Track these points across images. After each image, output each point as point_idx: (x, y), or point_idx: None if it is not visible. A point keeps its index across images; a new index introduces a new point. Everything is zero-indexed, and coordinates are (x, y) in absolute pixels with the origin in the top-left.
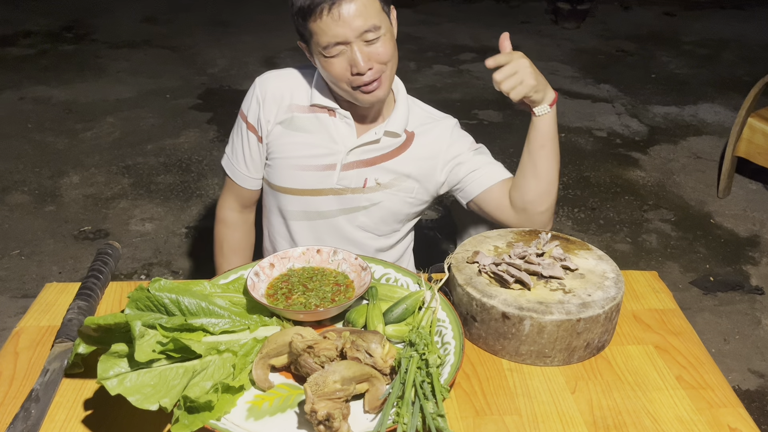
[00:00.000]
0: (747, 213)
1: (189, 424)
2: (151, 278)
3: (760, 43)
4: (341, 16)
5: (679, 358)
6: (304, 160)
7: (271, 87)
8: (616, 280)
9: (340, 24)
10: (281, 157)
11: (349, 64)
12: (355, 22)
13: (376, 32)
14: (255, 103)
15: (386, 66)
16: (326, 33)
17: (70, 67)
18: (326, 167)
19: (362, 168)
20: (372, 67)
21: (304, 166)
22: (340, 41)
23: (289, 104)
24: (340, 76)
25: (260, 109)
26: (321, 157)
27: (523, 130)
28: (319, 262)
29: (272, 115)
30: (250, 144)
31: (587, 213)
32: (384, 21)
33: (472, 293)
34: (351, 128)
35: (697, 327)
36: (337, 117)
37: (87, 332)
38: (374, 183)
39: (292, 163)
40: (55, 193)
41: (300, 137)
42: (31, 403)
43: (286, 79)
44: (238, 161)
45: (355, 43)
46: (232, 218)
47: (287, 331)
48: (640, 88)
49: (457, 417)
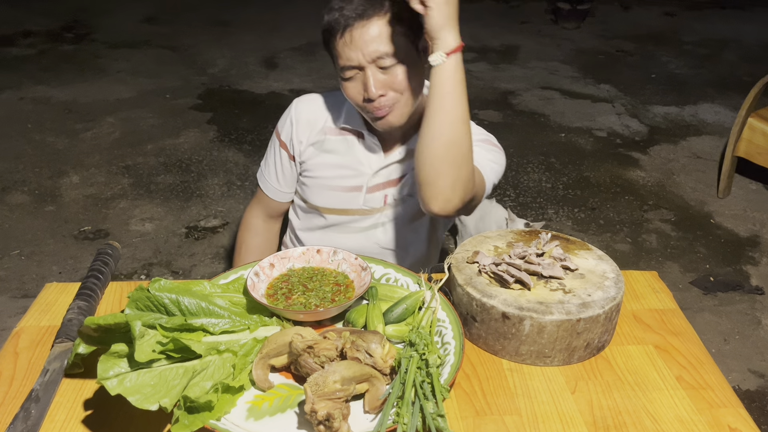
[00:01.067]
0: (747, 213)
1: (189, 424)
2: (151, 278)
3: (760, 43)
4: (353, 40)
5: (679, 358)
6: (333, 180)
7: (306, 110)
8: (616, 280)
9: (352, 48)
10: (313, 176)
11: (362, 89)
12: (368, 47)
13: (390, 59)
14: (289, 123)
15: (402, 95)
16: (341, 56)
17: (70, 67)
18: (353, 188)
19: (386, 188)
20: (385, 94)
21: (333, 186)
22: (353, 65)
23: (322, 127)
24: (354, 99)
25: (293, 130)
26: (348, 178)
27: (523, 129)
28: (319, 262)
29: (305, 137)
30: (282, 161)
31: (587, 213)
32: (403, 47)
33: (472, 293)
34: (378, 151)
35: (697, 327)
36: (365, 139)
37: (87, 332)
38: (392, 200)
39: (322, 183)
40: (55, 193)
41: (330, 158)
42: (31, 403)
43: (321, 102)
44: (270, 175)
45: (369, 68)
46: (256, 225)
47: (287, 331)
48: (640, 88)
49: (457, 417)
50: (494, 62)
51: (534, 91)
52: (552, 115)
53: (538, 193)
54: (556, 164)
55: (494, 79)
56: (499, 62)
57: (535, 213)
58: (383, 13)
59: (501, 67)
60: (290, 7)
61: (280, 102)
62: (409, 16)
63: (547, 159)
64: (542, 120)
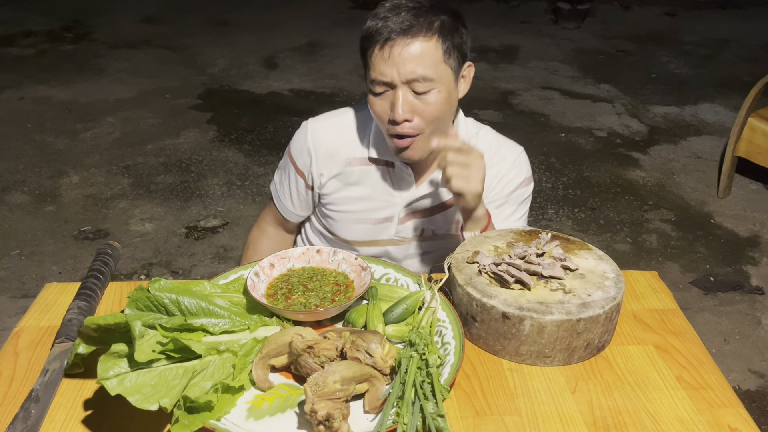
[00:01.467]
0: (747, 213)
1: (189, 424)
2: (151, 278)
3: (760, 43)
4: (392, 56)
5: (679, 358)
6: (361, 214)
7: (325, 140)
8: (616, 280)
9: (389, 63)
10: (339, 210)
11: (389, 108)
12: (405, 67)
13: (426, 84)
14: (306, 153)
15: (428, 125)
16: (374, 68)
17: (70, 67)
18: (384, 220)
19: (420, 219)
20: (411, 120)
21: (361, 219)
22: (386, 81)
23: (346, 158)
24: (379, 117)
25: (312, 161)
26: (378, 210)
27: (523, 129)
28: (319, 262)
29: (326, 170)
30: (298, 187)
31: (587, 213)
32: (443, 75)
33: (472, 293)
34: (410, 181)
35: (697, 327)
36: (396, 169)
37: (87, 332)
38: (430, 233)
39: (350, 216)
40: (55, 193)
41: (356, 191)
42: (31, 403)
43: (341, 128)
44: (284, 197)
45: (401, 89)
46: (268, 230)
47: (287, 331)
48: (640, 88)
49: (457, 417)
50: (494, 62)
51: (534, 91)
52: (552, 115)
53: (538, 193)
54: (556, 164)
55: (494, 79)
56: (499, 62)
57: (535, 213)
58: (430, 35)
59: (501, 67)
60: (290, 7)
61: (280, 102)
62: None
63: (547, 159)
64: (542, 120)
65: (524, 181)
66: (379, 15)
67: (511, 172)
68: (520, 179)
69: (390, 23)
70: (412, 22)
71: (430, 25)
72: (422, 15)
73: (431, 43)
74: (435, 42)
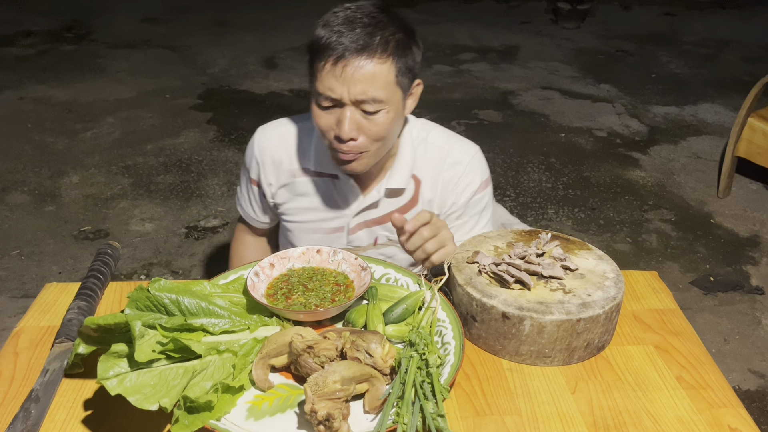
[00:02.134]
0: (747, 213)
1: (189, 424)
2: (151, 278)
3: (760, 43)
4: (344, 74)
5: (679, 358)
6: (313, 224)
7: (270, 149)
8: (616, 280)
9: (340, 81)
10: (291, 221)
11: (335, 123)
12: (356, 87)
13: (376, 105)
14: (255, 163)
15: (373, 144)
16: (323, 83)
17: (70, 67)
18: (335, 230)
19: (372, 227)
20: (356, 139)
21: (314, 229)
22: (334, 97)
23: (289, 168)
24: (324, 130)
25: (260, 170)
26: (327, 221)
27: (523, 129)
28: (319, 262)
29: (274, 179)
30: (255, 195)
31: (587, 213)
32: (393, 96)
33: (472, 293)
34: (356, 191)
35: (697, 327)
36: (340, 180)
37: (87, 332)
38: (386, 240)
39: (302, 226)
40: (55, 193)
41: (304, 202)
42: (31, 403)
43: (286, 139)
44: (246, 205)
45: (349, 108)
46: (245, 239)
47: (287, 331)
48: (640, 88)
49: (457, 417)
50: (494, 62)
51: (534, 91)
52: (552, 115)
53: (538, 193)
54: (556, 164)
55: (494, 79)
56: (499, 62)
57: (535, 213)
58: (385, 56)
59: (501, 67)
60: (290, 7)
61: (280, 102)
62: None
63: (547, 159)
64: (542, 120)
65: (481, 186)
66: (331, 26)
67: (466, 178)
68: (476, 184)
69: (344, 39)
70: (368, 41)
71: (385, 45)
72: (377, 33)
73: (385, 65)
74: (389, 64)
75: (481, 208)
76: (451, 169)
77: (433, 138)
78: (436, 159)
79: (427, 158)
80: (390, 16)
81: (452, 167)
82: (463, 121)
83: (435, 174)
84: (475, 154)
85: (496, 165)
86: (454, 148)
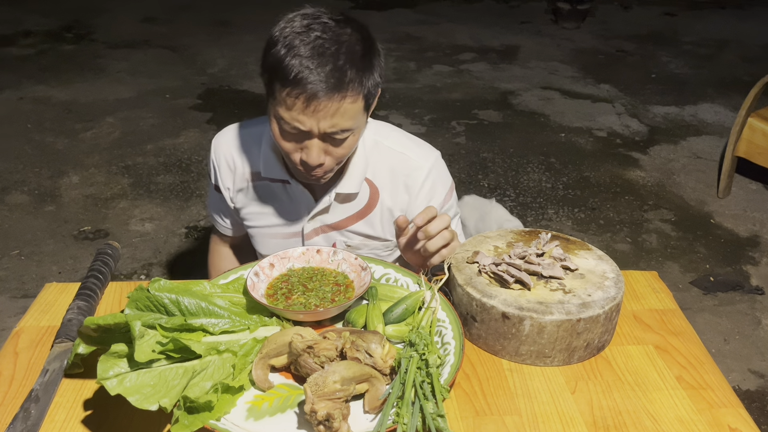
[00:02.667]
0: (747, 213)
1: (189, 424)
2: (151, 278)
3: (760, 43)
4: (315, 111)
5: (679, 358)
6: (271, 229)
7: (224, 154)
8: (616, 280)
9: (308, 115)
10: (251, 226)
11: (300, 147)
12: (325, 122)
13: (345, 134)
14: (213, 167)
15: (339, 162)
16: (290, 113)
17: (70, 67)
18: (291, 235)
19: (328, 232)
20: (323, 163)
21: (272, 234)
22: (302, 129)
23: (242, 173)
24: (287, 151)
25: (218, 175)
26: (283, 226)
27: (523, 129)
28: (319, 262)
29: (230, 183)
30: (221, 203)
31: (587, 213)
32: (361, 121)
33: (472, 293)
34: (306, 196)
35: (697, 327)
36: (291, 185)
37: (87, 332)
38: (344, 245)
39: (262, 231)
40: (55, 193)
41: (259, 207)
42: (30, 403)
43: (237, 144)
44: (216, 215)
45: (316, 138)
46: (220, 251)
47: (287, 331)
48: (640, 88)
49: (457, 417)
50: (494, 62)
51: (534, 91)
52: (552, 115)
53: (538, 193)
54: (556, 164)
55: (494, 79)
56: (499, 62)
57: (535, 213)
58: (356, 92)
59: (501, 67)
60: (290, 7)
61: None
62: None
63: (547, 159)
64: (542, 120)
65: (447, 195)
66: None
67: (426, 186)
68: (442, 195)
69: (314, 77)
70: (340, 78)
71: (357, 81)
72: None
73: (357, 96)
74: (360, 98)
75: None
76: (412, 175)
77: (391, 143)
78: (395, 165)
79: (385, 164)
80: (351, 27)
81: (413, 173)
82: (463, 121)
83: (394, 180)
84: (435, 160)
85: (496, 165)
86: (413, 153)
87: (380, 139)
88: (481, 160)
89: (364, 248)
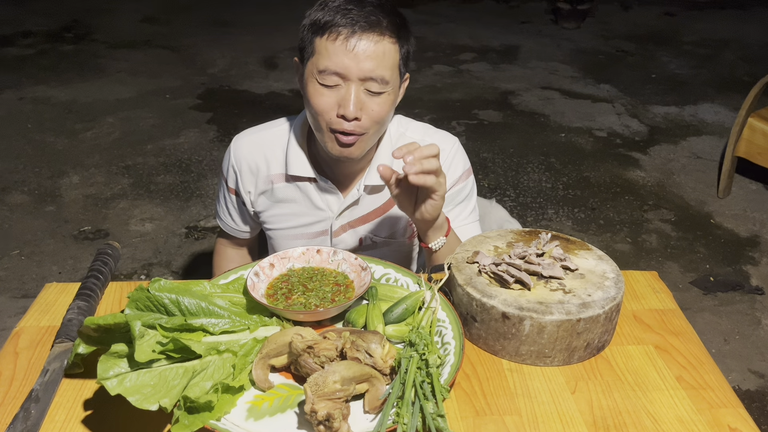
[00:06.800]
0: (747, 213)
1: (189, 424)
2: (151, 278)
3: (760, 43)
4: (355, 49)
5: (679, 358)
6: (295, 230)
7: (245, 156)
8: (616, 280)
9: (350, 56)
10: (274, 228)
11: (337, 103)
12: (366, 63)
13: (381, 86)
14: (232, 171)
15: (373, 126)
16: (330, 57)
17: (70, 67)
18: (318, 234)
19: (356, 227)
20: (360, 119)
21: (297, 235)
22: (341, 73)
23: (267, 175)
24: (324, 110)
25: (238, 178)
26: (310, 225)
27: (523, 129)
28: (319, 262)
29: (252, 186)
30: (235, 204)
31: (587, 213)
32: (394, 79)
33: (472, 293)
34: (335, 192)
35: (697, 327)
36: (318, 183)
37: (87, 332)
38: (370, 242)
39: (285, 233)
40: (55, 193)
41: (285, 208)
42: (30, 403)
43: (261, 146)
44: (225, 215)
45: (355, 84)
46: (226, 252)
47: (287, 331)
48: (640, 88)
49: (457, 417)
50: (494, 62)
51: (534, 91)
52: (552, 115)
53: (538, 193)
54: (556, 164)
55: (494, 79)
56: (499, 62)
57: (535, 213)
58: (395, 38)
59: (501, 67)
60: (290, 7)
61: (280, 102)
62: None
63: (547, 159)
64: (542, 120)
65: (462, 176)
66: (336, 6)
67: (446, 165)
68: (458, 173)
69: (354, 15)
70: (380, 18)
71: (396, 27)
72: (386, 14)
73: (395, 46)
74: (397, 46)
75: (463, 198)
76: None
77: (411, 133)
78: None
79: None
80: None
81: None
82: (463, 121)
83: None
84: (454, 143)
85: (496, 165)
86: (433, 139)
87: (404, 130)
88: (481, 160)
89: (391, 245)
